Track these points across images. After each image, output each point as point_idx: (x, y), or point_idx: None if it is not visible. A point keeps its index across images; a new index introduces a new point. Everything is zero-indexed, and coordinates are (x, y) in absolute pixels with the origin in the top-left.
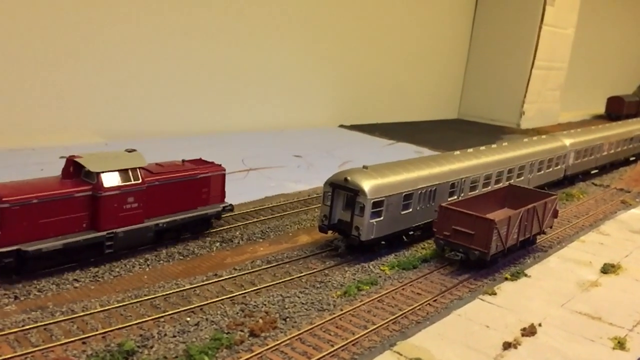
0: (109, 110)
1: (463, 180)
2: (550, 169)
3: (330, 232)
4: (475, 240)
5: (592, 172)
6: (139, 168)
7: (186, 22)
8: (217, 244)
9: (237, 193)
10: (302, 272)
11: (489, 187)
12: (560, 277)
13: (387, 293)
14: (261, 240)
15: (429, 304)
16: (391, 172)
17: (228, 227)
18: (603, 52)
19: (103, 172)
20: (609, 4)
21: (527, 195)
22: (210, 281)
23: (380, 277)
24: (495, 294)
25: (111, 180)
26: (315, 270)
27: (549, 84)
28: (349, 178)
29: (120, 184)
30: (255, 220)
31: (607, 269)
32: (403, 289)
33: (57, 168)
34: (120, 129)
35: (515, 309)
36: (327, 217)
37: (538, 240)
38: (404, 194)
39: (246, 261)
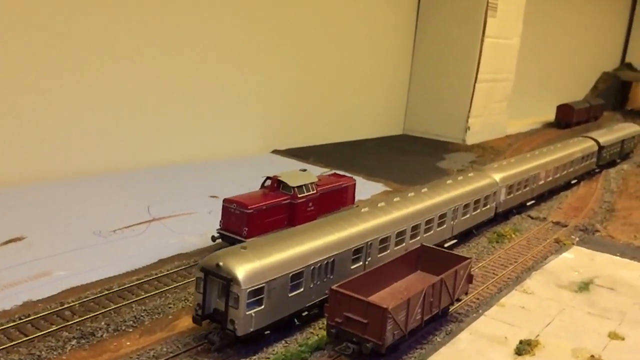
0: None
1: (369, 243)
2: (478, 211)
3: (207, 321)
4: (369, 329)
5: (529, 203)
6: (313, 182)
7: (94, 45)
8: (74, 341)
9: (126, 257)
10: None
11: (403, 244)
12: None
13: None
14: (131, 329)
15: None
16: (275, 250)
17: (94, 314)
18: (554, 58)
19: (297, 186)
20: (557, 11)
21: (439, 258)
22: None
23: None
24: None
25: (301, 191)
26: None
27: (495, 96)
28: (221, 263)
29: (306, 194)
30: (132, 300)
31: (523, 348)
32: None
33: None
34: (10, 172)
35: None
36: (201, 306)
37: (454, 307)
38: (291, 274)
39: None
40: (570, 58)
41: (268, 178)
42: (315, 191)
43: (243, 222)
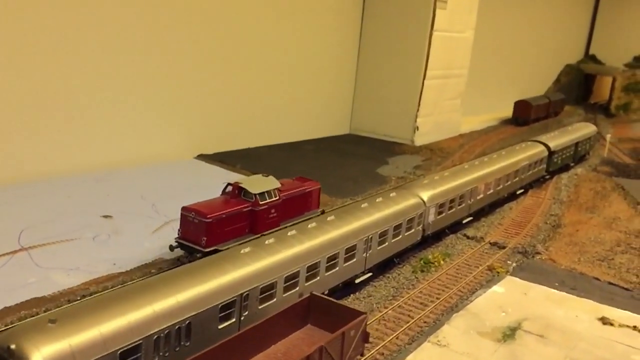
0: None
1: (245, 295)
2: (400, 237)
3: None
4: None
5: (466, 220)
6: (276, 188)
7: None
8: None
9: None
10: None
11: (297, 289)
12: None
13: None
14: None
15: None
16: (96, 320)
17: None
18: (514, 51)
19: (259, 193)
20: (516, 1)
21: (331, 310)
22: None
23: None
24: None
25: (263, 198)
26: None
27: (447, 93)
28: (13, 346)
29: (268, 200)
30: None
31: None
32: None
33: None
34: None
35: None
36: None
37: None
38: (119, 351)
39: None
40: (531, 50)
41: (229, 184)
42: (277, 197)
43: (202, 231)
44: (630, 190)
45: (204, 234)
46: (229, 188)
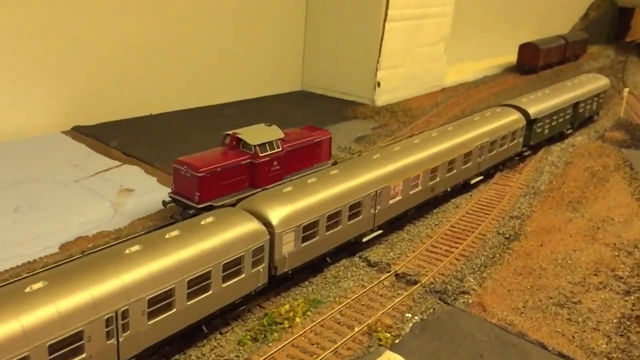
0: None
1: None
2: (208, 293)
3: None
4: None
5: (368, 237)
6: (279, 139)
7: None
8: None
9: None
10: None
11: None
12: None
13: None
14: None
15: None
16: None
17: None
18: None
19: (258, 144)
20: None
21: None
22: None
23: None
24: None
25: (263, 149)
26: None
27: (423, 37)
28: None
29: (269, 152)
30: None
31: None
32: None
33: None
34: None
35: None
36: None
37: None
38: None
39: None
40: None
41: (227, 135)
42: (280, 149)
43: (194, 186)
44: None
45: (197, 189)
46: (228, 139)
